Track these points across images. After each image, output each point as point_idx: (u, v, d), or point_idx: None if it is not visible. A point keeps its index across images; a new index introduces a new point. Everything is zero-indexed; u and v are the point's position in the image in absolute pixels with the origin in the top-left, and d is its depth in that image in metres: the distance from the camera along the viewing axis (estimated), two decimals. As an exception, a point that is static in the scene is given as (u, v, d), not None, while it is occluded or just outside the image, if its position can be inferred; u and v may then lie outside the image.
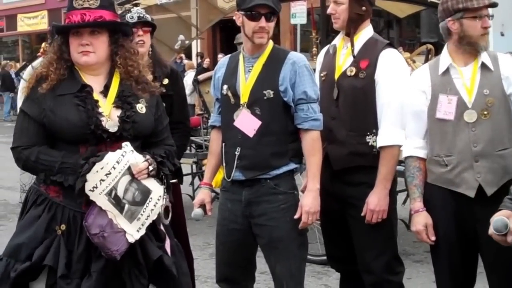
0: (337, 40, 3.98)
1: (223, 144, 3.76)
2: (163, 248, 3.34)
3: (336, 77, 3.85)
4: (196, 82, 8.31)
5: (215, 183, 4.09)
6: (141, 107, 3.28)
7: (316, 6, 10.80)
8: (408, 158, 3.64)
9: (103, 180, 3.09)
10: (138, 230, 3.14)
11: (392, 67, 3.77)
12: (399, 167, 4.02)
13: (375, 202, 3.72)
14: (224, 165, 3.75)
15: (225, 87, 3.75)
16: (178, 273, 3.36)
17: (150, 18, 4.51)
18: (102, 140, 3.15)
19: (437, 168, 3.54)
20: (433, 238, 3.53)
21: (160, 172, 3.29)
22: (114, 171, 3.11)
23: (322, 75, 3.96)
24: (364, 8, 3.85)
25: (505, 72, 3.46)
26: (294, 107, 3.65)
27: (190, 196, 7.92)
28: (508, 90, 3.44)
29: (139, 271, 3.21)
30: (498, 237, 2.89)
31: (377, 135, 3.77)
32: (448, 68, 3.52)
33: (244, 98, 3.67)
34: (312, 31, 10.09)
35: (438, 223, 3.53)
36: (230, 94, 3.72)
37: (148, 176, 3.22)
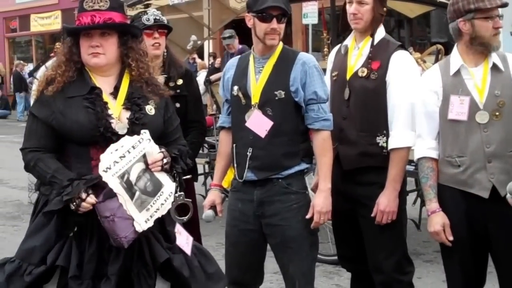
0: (348, 40, 3.97)
1: (234, 145, 3.75)
2: (174, 249, 3.32)
3: (347, 77, 3.85)
4: (208, 83, 8.30)
5: (227, 184, 4.08)
6: (150, 109, 3.27)
7: (327, 6, 10.78)
8: (421, 159, 3.63)
9: (117, 162, 3.06)
10: (146, 221, 3.11)
11: (403, 69, 3.76)
12: (409, 167, 4.01)
13: (385, 203, 3.72)
14: (235, 165, 3.75)
15: (235, 88, 3.74)
16: (196, 272, 3.34)
17: (166, 20, 4.49)
18: (112, 142, 3.13)
19: (449, 169, 3.52)
20: (450, 238, 3.51)
21: (173, 169, 3.29)
22: (129, 155, 3.10)
23: (334, 75, 3.95)
24: (385, 9, 3.85)
25: None
26: (305, 107, 3.65)
27: (202, 196, 7.89)
28: None
29: (147, 272, 3.20)
30: None
31: (387, 136, 3.77)
32: (460, 69, 3.50)
33: (255, 98, 3.66)
34: (323, 31, 10.07)
35: (451, 223, 3.51)
36: (240, 95, 3.71)
37: (162, 169, 3.21)
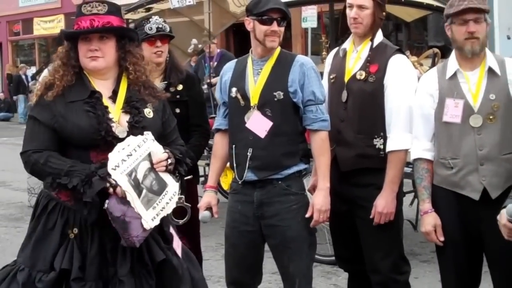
0: (347, 43, 3.98)
1: (234, 146, 3.77)
2: (172, 250, 3.33)
3: (345, 80, 3.86)
4: (209, 86, 8.32)
5: (227, 186, 4.11)
6: (148, 112, 3.27)
7: (326, 10, 10.80)
8: (416, 160, 3.65)
9: (124, 160, 3.07)
10: (153, 219, 3.11)
11: (401, 72, 3.78)
12: (406, 169, 4.03)
13: (383, 205, 3.74)
14: (235, 166, 3.76)
15: (233, 90, 3.76)
16: (185, 275, 3.34)
17: (168, 28, 4.48)
18: (112, 146, 3.12)
19: (442, 171, 3.54)
20: (441, 238, 3.54)
21: (176, 171, 3.29)
22: (135, 153, 3.11)
23: (332, 77, 3.97)
24: (384, 13, 3.87)
25: (511, 77, 3.45)
26: (303, 108, 3.68)
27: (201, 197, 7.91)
28: None
29: (147, 272, 3.21)
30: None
31: (384, 138, 3.79)
32: (455, 73, 3.52)
33: (254, 100, 3.69)
34: (322, 35, 10.10)
35: (443, 224, 3.54)
36: (239, 97, 3.73)
37: (166, 169, 3.22)
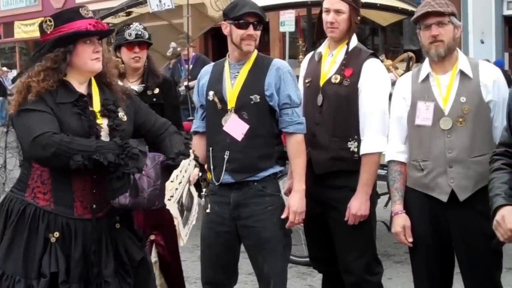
0: (322, 47, 3.99)
1: (211, 148, 3.76)
2: (144, 248, 3.35)
3: (321, 83, 3.87)
4: (187, 89, 8.30)
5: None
6: (122, 115, 3.24)
7: (303, 14, 10.80)
8: (390, 162, 3.67)
9: (177, 188, 3.03)
10: (186, 235, 3.14)
11: (375, 76, 3.79)
12: (381, 171, 4.04)
13: (357, 207, 3.74)
14: (212, 169, 3.75)
15: (211, 93, 3.76)
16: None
17: (147, 35, 4.56)
18: None
19: (414, 173, 3.56)
20: (410, 239, 3.55)
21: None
22: (183, 179, 3.09)
23: (307, 81, 3.97)
24: (359, 17, 3.88)
25: (484, 79, 3.45)
26: (279, 111, 3.68)
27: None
28: (487, 97, 3.44)
29: (125, 271, 3.21)
30: None
31: (358, 141, 3.80)
32: (428, 76, 3.53)
33: (231, 103, 3.69)
34: (299, 39, 10.11)
35: (415, 225, 3.55)
36: (216, 100, 3.72)
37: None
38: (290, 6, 9.98)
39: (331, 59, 3.90)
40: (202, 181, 3.27)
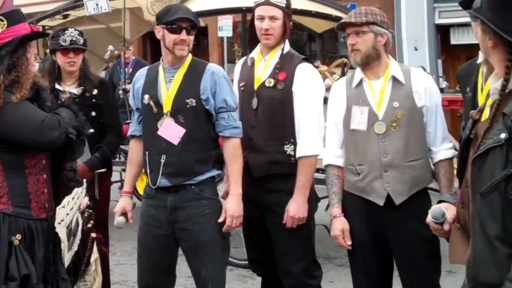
0: (254, 53, 3.99)
1: (147, 152, 3.72)
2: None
3: (255, 87, 3.87)
4: (124, 92, 8.20)
5: (142, 191, 4.07)
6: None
7: (239, 20, 10.81)
8: (328, 166, 3.68)
9: (68, 214, 3.17)
10: (68, 260, 3.23)
11: (308, 80, 3.81)
12: (321, 175, 4.06)
13: (294, 209, 3.74)
14: (148, 172, 3.72)
15: (146, 96, 3.72)
16: None
17: (82, 40, 4.65)
18: None
19: (350, 176, 3.58)
20: (349, 242, 3.56)
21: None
22: (75, 205, 3.25)
23: (241, 85, 3.97)
24: (291, 23, 3.89)
25: (416, 86, 3.50)
26: (215, 115, 3.67)
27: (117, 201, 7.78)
28: (419, 103, 3.48)
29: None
30: (434, 225, 2.71)
31: (294, 144, 3.80)
32: (361, 81, 3.56)
33: (167, 107, 3.65)
34: (235, 44, 10.13)
35: (354, 228, 3.56)
36: (152, 104, 3.69)
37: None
38: (226, 12, 10.02)
39: (264, 64, 3.90)
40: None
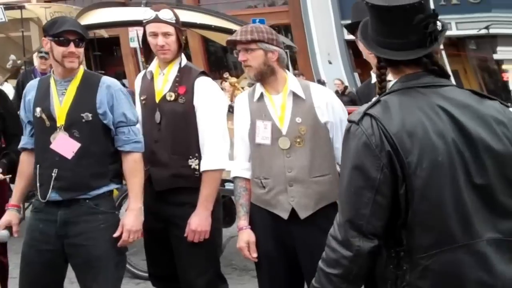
0: (152, 66, 3.94)
1: (38, 165, 3.58)
2: None
3: (157, 101, 3.82)
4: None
5: None
6: None
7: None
8: (235, 178, 3.65)
9: None
10: None
11: (208, 94, 3.80)
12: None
13: (196, 223, 3.70)
14: (38, 186, 3.57)
15: (38, 109, 3.58)
16: None
17: None
18: None
19: (256, 189, 3.55)
20: (254, 254, 3.53)
21: None
22: None
23: (142, 99, 3.91)
24: (184, 37, 3.88)
25: (317, 101, 3.48)
26: (114, 130, 3.57)
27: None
28: (323, 119, 3.47)
29: None
30: None
31: (199, 158, 3.76)
32: (262, 95, 3.54)
33: (60, 121, 3.52)
34: (140, 56, 10.09)
35: (259, 241, 3.53)
36: (44, 117, 3.55)
37: None
38: (126, 25, 10.03)
39: (163, 78, 3.87)
40: None
